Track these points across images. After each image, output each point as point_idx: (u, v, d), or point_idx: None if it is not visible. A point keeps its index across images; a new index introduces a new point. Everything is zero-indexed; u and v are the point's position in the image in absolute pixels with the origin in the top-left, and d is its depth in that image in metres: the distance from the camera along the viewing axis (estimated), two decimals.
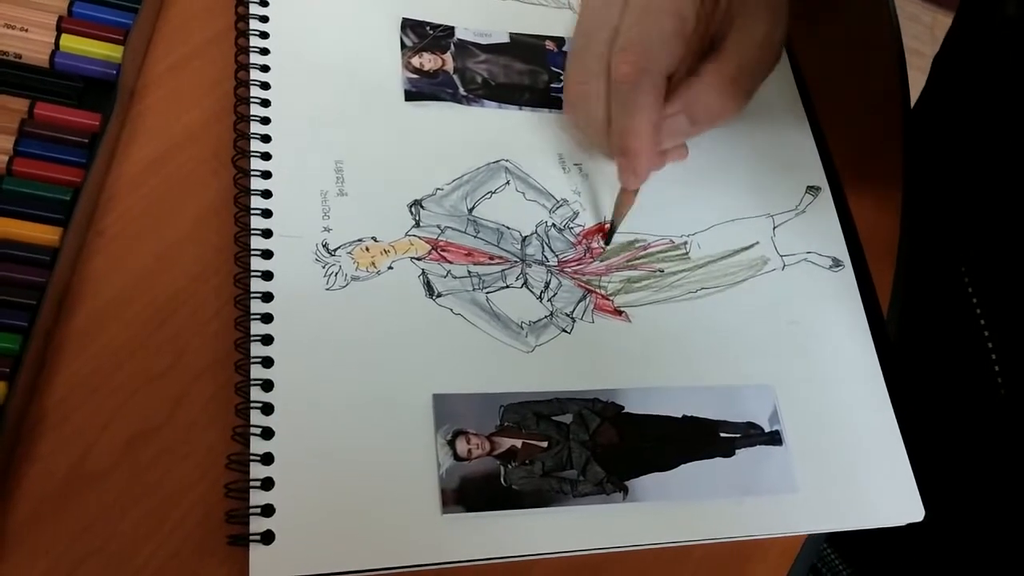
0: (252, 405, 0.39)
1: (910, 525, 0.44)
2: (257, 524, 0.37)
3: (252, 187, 0.44)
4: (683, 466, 0.42)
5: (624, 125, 0.45)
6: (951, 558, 0.54)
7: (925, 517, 0.44)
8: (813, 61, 0.57)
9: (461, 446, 0.40)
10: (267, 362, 0.40)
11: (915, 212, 0.55)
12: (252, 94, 0.46)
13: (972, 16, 0.58)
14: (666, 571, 0.41)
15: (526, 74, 0.52)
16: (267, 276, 0.42)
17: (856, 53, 0.62)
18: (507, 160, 0.49)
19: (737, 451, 0.43)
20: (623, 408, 0.43)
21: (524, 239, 0.47)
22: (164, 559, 0.37)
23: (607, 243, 0.48)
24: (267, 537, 0.36)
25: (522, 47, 0.53)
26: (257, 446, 0.38)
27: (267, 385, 0.39)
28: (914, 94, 0.64)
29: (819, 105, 0.56)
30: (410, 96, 0.49)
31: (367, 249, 0.44)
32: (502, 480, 0.40)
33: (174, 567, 0.37)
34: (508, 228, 0.47)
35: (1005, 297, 0.54)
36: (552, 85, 0.52)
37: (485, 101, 0.50)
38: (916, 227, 0.55)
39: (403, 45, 0.51)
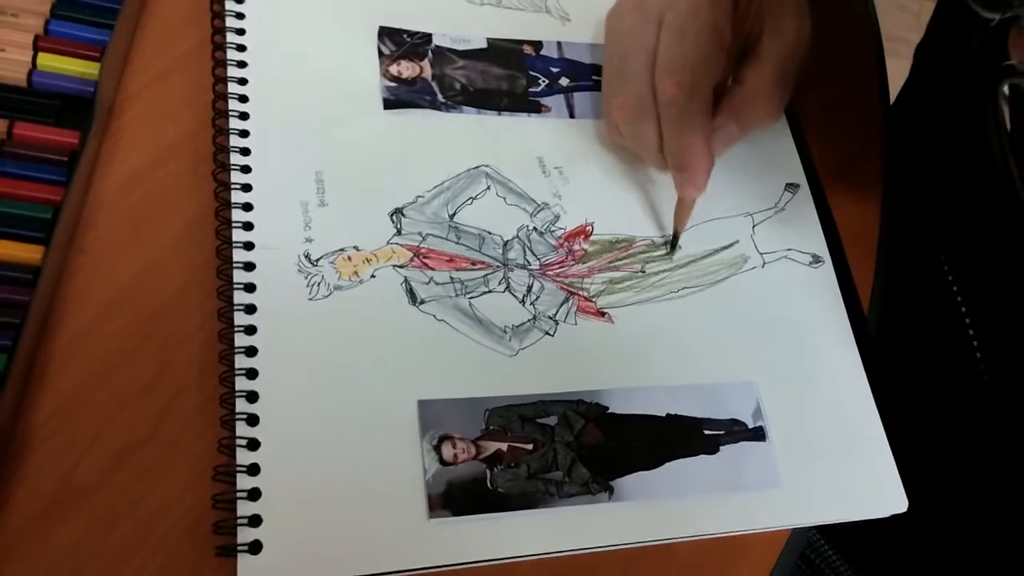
0: (237, 417, 0.39)
1: (901, 512, 0.44)
2: (245, 534, 0.37)
3: (233, 200, 0.44)
4: (668, 464, 0.43)
5: (679, 143, 0.46)
6: (943, 544, 0.55)
7: (914, 505, 0.44)
8: None
9: (447, 451, 0.41)
10: (251, 373, 0.40)
11: (896, 202, 0.55)
12: (231, 107, 0.46)
13: (952, 4, 0.59)
14: (653, 569, 0.42)
15: (504, 79, 0.52)
16: (250, 288, 0.42)
17: (834, 46, 0.62)
18: (487, 166, 0.49)
19: (721, 448, 0.44)
20: (607, 409, 0.43)
21: (506, 243, 0.47)
22: (153, 572, 0.37)
23: (671, 252, 0.48)
24: (255, 547, 0.37)
25: (500, 52, 0.53)
26: (243, 457, 0.38)
27: (252, 396, 0.40)
28: (898, 82, 0.65)
29: (797, 101, 0.56)
30: (389, 104, 0.49)
31: (349, 258, 0.44)
32: (488, 483, 0.40)
33: None
34: (489, 233, 0.47)
35: (985, 285, 0.54)
36: (531, 89, 0.52)
37: (464, 107, 0.51)
38: (897, 217, 0.55)
39: (381, 53, 0.51)
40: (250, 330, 0.41)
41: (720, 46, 0.45)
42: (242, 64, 0.48)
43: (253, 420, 0.39)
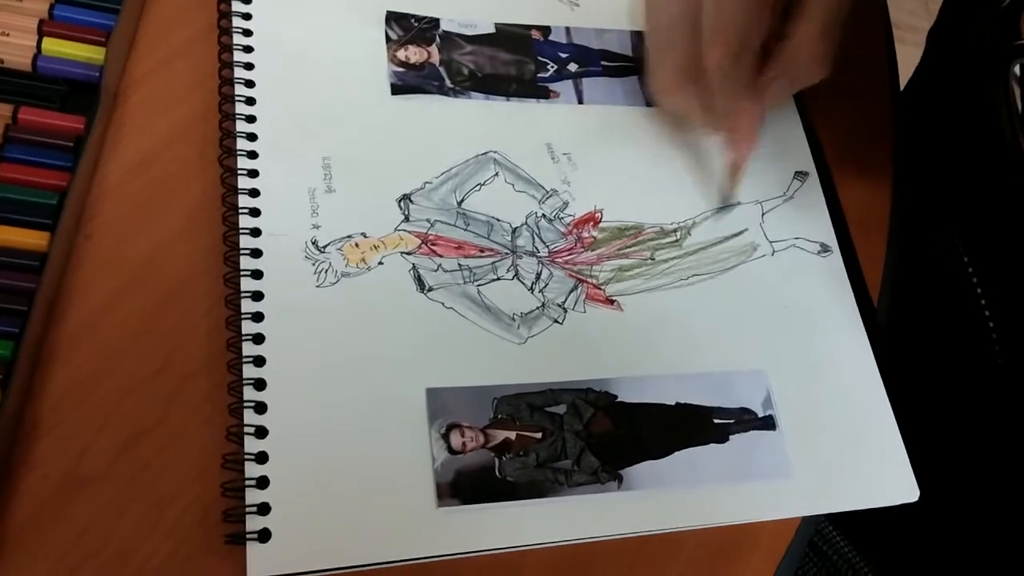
0: (245, 404, 0.39)
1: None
2: (253, 522, 0.37)
3: (239, 186, 0.44)
4: (677, 453, 0.42)
5: (729, 106, 0.47)
6: (954, 532, 0.54)
7: (925, 492, 0.44)
8: None
9: (455, 439, 0.40)
10: (259, 361, 0.40)
11: (907, 187, 0.55)
12: (237, 92, 0.46)
13: None
14: (662, 558, 0.42)
15: (513, 64, 0.52)
16: (257, 275, 0.42)
17: (844, 32, 0.62)
18: (495, 152, 0.49)
19: (731, 437, 0.44)
20: (616, 397, 0.43)
21: (514, 230, 0.47)
22: (162, 559, 0.37)
23: (722, 212, 0.49)
24: (264, 535, 0.37)
25: (508, 37, 0.53)
26: (251, 445, 0.38)
27: (260, 384, 0.39)
28: (909, 69, 0.64)
29: (806, 89, 0.56)
30: (396, 89, 0.49)
31: (357, 245, 0.44)
32: (497, 472, 0.40)
33: (172, 567, 0.37)
34: (498, 220, 0.47)
35: (1001, 266, 0.54)
36: (539, 75, 0.52)
37: (472, 93, 0.50)
38: (908, 202, 0.55)
39: (388, 38, 0.51)
40: (257, 317, 0.41)
41: (763, 5, 0.45)
42: (248, 49, 0.48)
43: (261, 408, 0.39)
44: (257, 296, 0.41)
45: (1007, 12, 0.50)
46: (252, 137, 0.45)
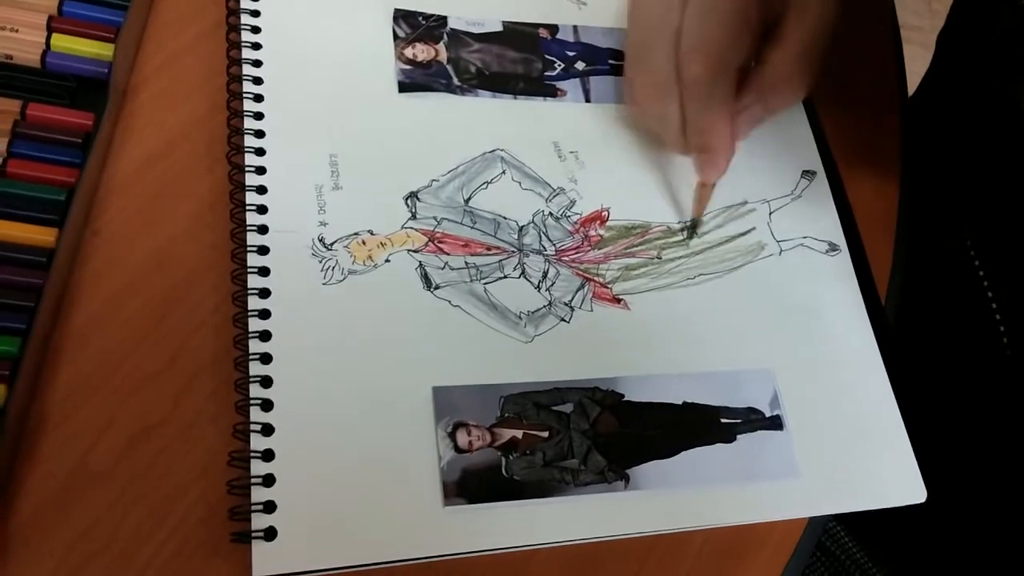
0: (252, 402, 0.39)
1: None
2: (259, 521, 0.37)
3: (247, 183, 0.44)
4: (684, 453, 0.42)
5: (702, 124, 0.46)
6: (962, 531, 0.54)
7: (933, 492, 0.44)
8: None
9: (462, 438, 0.40)
10: (266, 358, 0.40)
11: (915, 186, 0.55)
12: (245, 89, 0.46)
13: None
14: (669, 557, 0.42)
15: (520, 62, 0.52)
16: (264, 272, 0.42)
17: (850, 31, 0.62)
18: (502, 150, 0.49)
19: (738, 437, 0.43)
20: (623, 396, 0.43)
21: (521, 229, 0.47)
22: (167, 557, 0.37)
23: (690, 237, 0.48)
24: (270, 533, 0.37)
25: (515, 35, 0.53)
26: (257, 443, 0.38)
27: (266, 381, 0.39)
28: (912, 70, 0.64)
29: (814, 88, 0.55)
30: (404, 87, 0.49)
31: (364, 243, 0.44)
32: (503, 471, 0.40)
33: (177, 565, 0.37)
34: (505, 218, 0.47)
35: (1013, 269, 0.53)
36: (546, 73, 0.52)
37: (479, 91, 0.50)
38: (917, 198, 0.54)
39: (396, 36, 0.51)
40: (264, 314, 0.41)
41: (746, 26, 0.44)
42: (257, 46, 0.48)
43: (267, 405, 0.39)
44: (264, 293, 0.41)
45: None
46: (260, 134, 0.45)
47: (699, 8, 0.44)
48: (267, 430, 0.38)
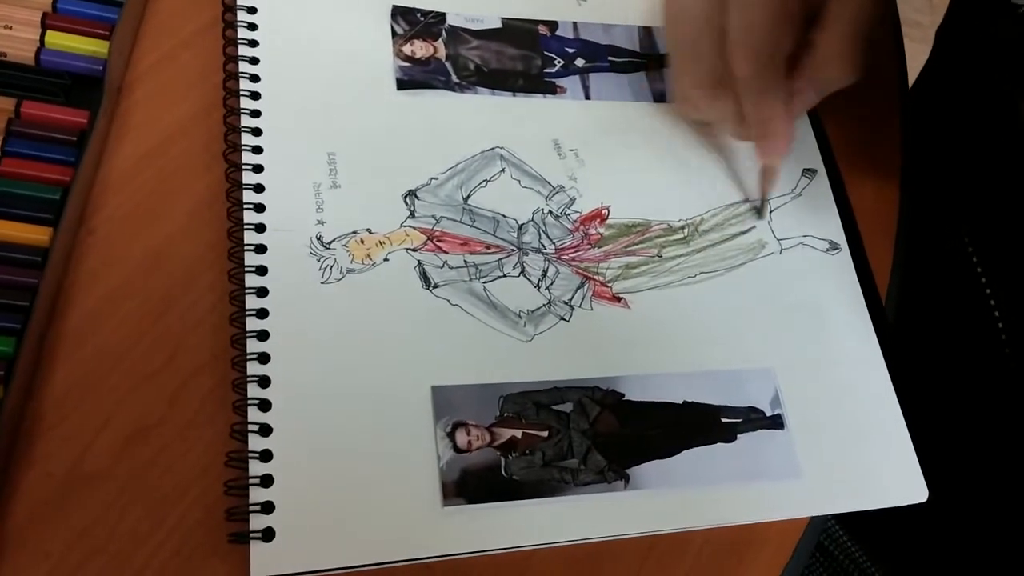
0: (249, 402, 0.39)
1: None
2: (257, 521, 0.36)
3: (244, 181, 0.43)
4: (684, 453, 0.42)
5: (760, 113, 0.46)
6: (962, 532, 0.54)
7: (934, 493, 0.44)
8: None
9: (461, 438, 0.40)
10: (263, 358, 0.40)
11: (916, 185, 0.55)
12: (242, 86, 0.46)
13: None
14: (669, 557, 0.41)
15: (519, 59, 0.51)
16: (261, 271, 0.41)
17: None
18: (501, 147, 0.48)
19: (739, 436, 0.43)
20: (623, 396, 0.43)
21: (521, 227, 0.46)
22: (165, 558, 0.37)
23: (761, 217, 0.49)
24: (267, 534, 0.36)
25: (515, 32, 0.52)
26: (255, 443, 0.38)
27: (264, 381, 0.39)
28: (913, 66, 0.64)
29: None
30: (402, 84, 0.49)
31: (362, 241, 0.44)
32: (503, 471, 0.40)
33: (175, 566, 0.37)
34: (504, 216, 0.46)
35: (1012, 270, 0.53)
36: (546, 70, 0.51)
37: (478, 88, 0.50)
38: (917, 200, 0.54)
39: (394, 33, 0.50)
40: (262, 314, 0.41)
41: (787, 14, 0.45)
42: (253, 43, 0.47)
43: (265, 405, 0.39)
44: (261, 292, 0.41)
45: None
46: (257, 132, 0.45)
47: (740, 4, 0.45)
48: (265, 430, 0.38)
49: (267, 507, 0.37)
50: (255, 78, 0.46)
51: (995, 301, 0.53)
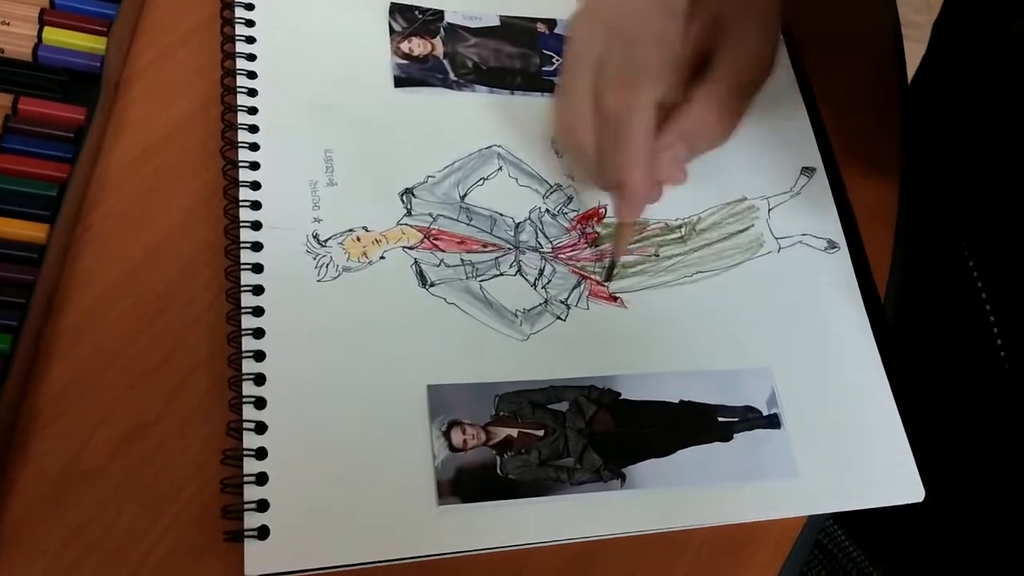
0: (244, 400, 0.39)
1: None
2: (252, 519, 0.37)
3: (241, 179, 0.43)
4: (681, 452, 0.42)
5: (616, 160, 0.43)
6: (958, 532, 0.54)
7: (930, 492, 0.44)
8: (807, 38, 0.57)
9: (456, 437, 0.40)
10: (259, 356, 0.40)
11: (914, 186, 0.54)
12: (239, 83, 0.46)
13: None
14: (666, 556, 0.41)
15: (517, 57, 0.51)
16: (258, 269, 0.41)
17: (851, 28, 0.61)
18: (499, 146, 0.48)
19: (735, 435, 0.43)
20: (620, 395, 0.43)
21: (517, 225, 0.46)
22: (161, 555, 0.37)
23: (607, 279, 0.46)
24: (262, 532, 0.36)
25: (513, 30, 0.52)
26: (250, 441, 0.38)
27: (259, 379, 0.39)
28: (913, 66, 0.64)
29: (814, 84, 0.55)
30: (400, 82, 0.49)
31: (358, 239, 0.44)
32: (498, 470, 0.40)
33: (171, 563, 0.37)
34: (501, 215, 0.46)
35: (1007, 271, 0.53)
36: (544, 68, 0.51)
37: (476, 86, 0.50)
38: (915, 201, 0.54)
39: (392, 30, 0.50)
40: (258, 311, 0.41)
41: (666, 60, 0.42)
42: (251, 40, 0.47)
43: (261, 403, 0.39)
44: (258, 290, 0.41)
45: None
46: (254, 129, 0.45)
47: (621, 40, 0.43)
48: (260, 428, 0.38)
49: (262, 505, 0.37)
50: (252, 75, 0.46)
51: (991, 306, 0.53)
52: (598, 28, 0.44)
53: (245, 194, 0.43)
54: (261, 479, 0.37)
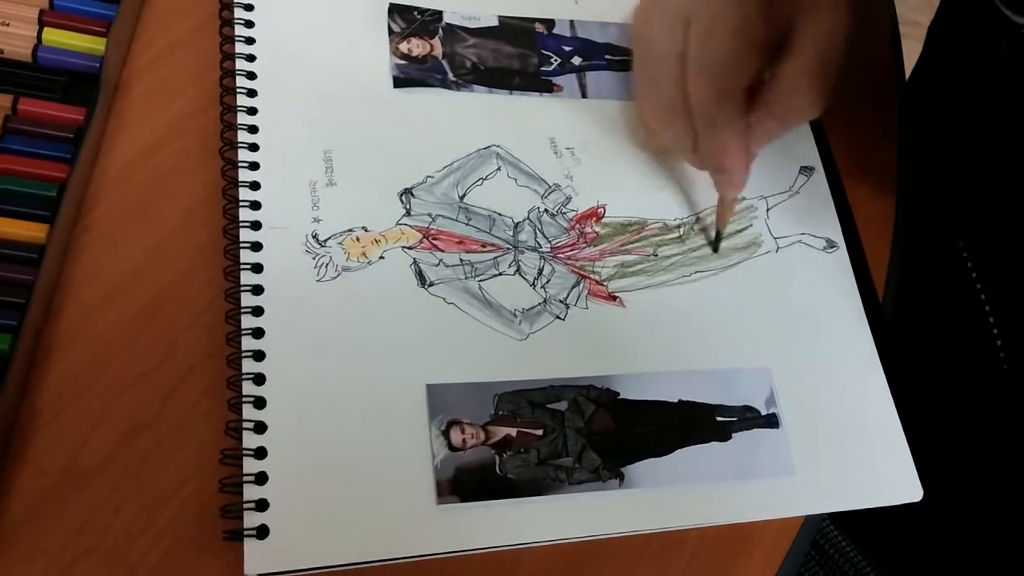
0: (244, 399, 0.39)
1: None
2: (251, 519, 0.37)
3: (240, 179, 0.43)
4: (679, 451, 0.42)
5: (714, 145, 0.45)
6: (957, 532, 0.54)
7: (928, 492, 0.44)
8: None
9: (456, 436, 0.40)
10: (258, 356, 0.40)
11: (912, 186, 0.54)
12: (238, 84, 0.46)
13: None
14: (664, 556, 0.41)
15: (516, 58, 0.51)
16: (257, 269, 0.41)
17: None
18: (498, 146, 0.48)
19: (734, 435, 0.43)
20: (618, 394, 0.43)
21: (516, 225, 0.46)
22: (159, 555, 0.37)
23: (715, 250, 0.48)
24: (262, 531, 0.36)
25: (511, 30, 0.52)
26: (250, 440, 0.38)
27: (259, 379, 0.39)
28: (911, 65, 0.64)
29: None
30: (399, 82, 0.49)
31: (358, 239, 0.44)
32: (497, 469, 0.40)
33: (169, 563, 0.37)
34: (500, 215, 0.46)
35: (1005, 270, 0.53)
36: (542, 68, 0.51)
37: (475, 86, 0.50)
38: (913, 201, 0.54)
39: (390, 31, 0.50)
40: (257, 311, 0.41)
41: (750, 45, 0.43)
42: (250, 40, 0.47)
43: (260, 403, 0.39)
44: (257, 290, 0.41)
45: None
46: (253, 129, 0.45)
47: (701, 31, 0.43)
48: (259, 428, 0.38)
49: (261, 504, 0.37)
50: (252, 75, 0.46)
51: (990, 306, 0.53)
52: (675, 24, 0.45)
53: (244, 194, 0.43)
54: (260, 478, 0.37)
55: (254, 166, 0.44)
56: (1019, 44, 0.49)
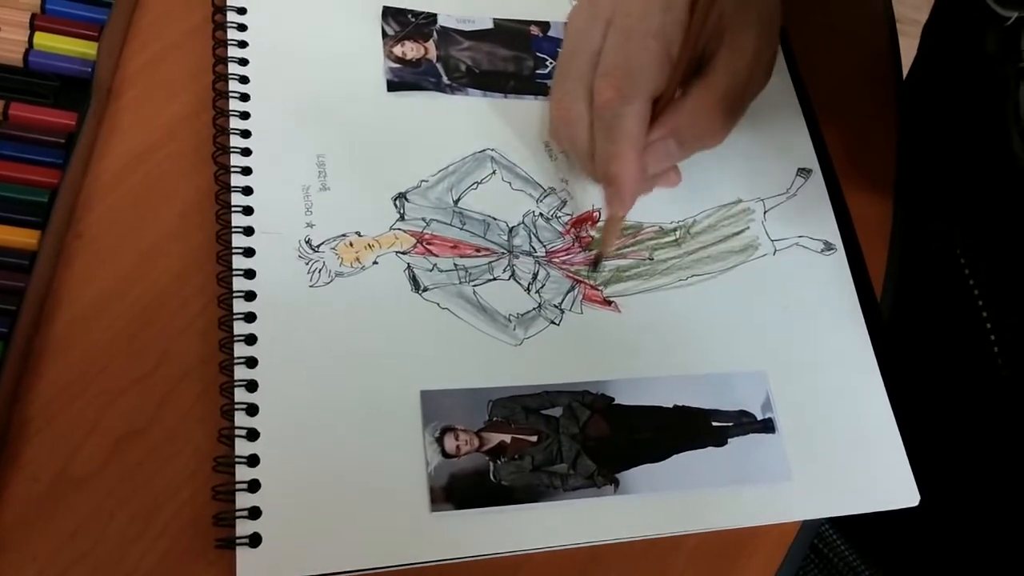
0: (236, 407, 0.38)
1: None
2: (244, 527, 0.36)
3: (233, 184, 0.43)
4: (675, 457, 0.42)
5: (608, 151, 0.43)
6: (955, 536, 0.54)
7: (926, 496, 0.43)
8: (803, 39, 0.57)
9: (449, 443, 0.40)
10: (251, 362, 0.39)
11: (909, 189, 0.54)
12: (231, 88, 0.46)
13: None
14: (660, 562, 0.41)
15: (511, 60, 0.51)
16: (250, 274, 0.41)
17: (847, 29, 0.61)
18: (492, 149, 0.48)
19: (730, 440, 0.43)
20: (613, 400, 0.43)
21: (511, 230, 0.46)
22: (152, 563, 0.37)
23: (594, 270, 0.46)
24: (254, 539, 0.36)
25: (506, 33, 0.52)
26: (242, 448, 0.38)
27: (252, 386, 0.39)
28: (910, 63, 0.63)
29: (810, 84, 0.55)
30: (393, 86, 0.48)
31: (351, 244, 0.43)
32: (492, 476, 0.40)
33: (162, 570, 0.37)
34: (494, 219, 0.46)
35: (1002, 275, 0.53)
36: (537, 71, 0.51)
37: (469, 89, 0.50)
38: (910, 205, 0.54)
39: (384, 34, 0.50)
40: (250, 317, 0.40)
41: (665, 54, 0.42)
42: (243, 44, 0.47)
43: (253, 410, 0.39)
44: (250, 296, 0.41)
45: (1011, 30, 0.48)
46: (246, 134, 0.45)
47: (619, 31, 0.43)
48: (252, 435, 0.38)
49: (254, 512, 0.37)
50: (244, 79, 0.46)
51: (987, 312, 0.53)
52: (596, 21, 0.44)
53: (237, 199, 0.43)
54: (253, 486, 0.37)
55: (247, 171, 0.44)
56: (1005, 39, 0.49)
